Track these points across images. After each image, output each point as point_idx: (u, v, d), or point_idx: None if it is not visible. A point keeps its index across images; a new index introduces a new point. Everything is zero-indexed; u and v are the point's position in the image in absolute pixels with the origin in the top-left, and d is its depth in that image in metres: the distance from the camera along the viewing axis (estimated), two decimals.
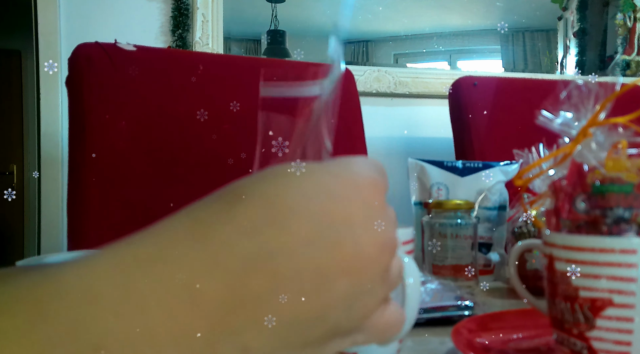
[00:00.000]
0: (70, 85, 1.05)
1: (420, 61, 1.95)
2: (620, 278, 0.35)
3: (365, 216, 0.24)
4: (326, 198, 0.23)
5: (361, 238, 0.23)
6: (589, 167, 0.39)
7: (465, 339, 0.45)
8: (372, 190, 0.25)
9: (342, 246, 0.23)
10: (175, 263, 0.21)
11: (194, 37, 1.62)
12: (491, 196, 0.86)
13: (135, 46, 1.09)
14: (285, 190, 0.23)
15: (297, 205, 0.23)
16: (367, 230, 0.24)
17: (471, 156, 1.28)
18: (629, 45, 1.95)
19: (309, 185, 0.24)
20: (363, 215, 0.24)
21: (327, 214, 0.23)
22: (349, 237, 0.23)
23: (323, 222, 0.23)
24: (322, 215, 0.23)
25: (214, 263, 0.21)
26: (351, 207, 0.24)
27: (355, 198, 0.24)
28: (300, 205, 0.23)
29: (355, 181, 0.25)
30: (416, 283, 0.36)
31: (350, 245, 0.23)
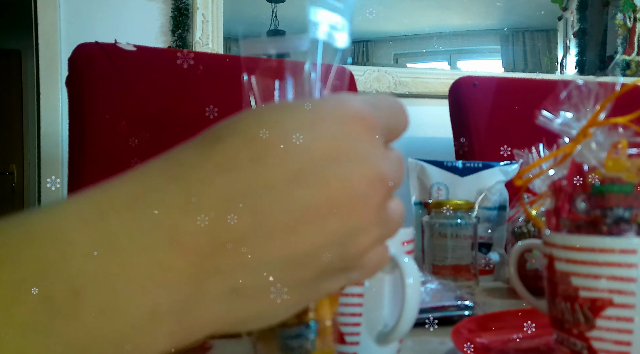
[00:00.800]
0: (70, 85, 1.05)
1: (420, 61, 1.95)
2: (620, 278, 0.35)
3: (352, 152, 0.23)
4: (309, 134, 0.22)
5: (348, 174, 0.22)
6: (589, 167, 0.39)
7: (465, 339, 0.45)
8: (360, 126, 0.24)
9: (328, 182, 0.22)
10: (151, 204, 0.20)
11: (194, 37, 1.63)
12: (491, 196, 0.86)
13: (135, 46, 1.09)
14: (265, 126, 0.22)
15: (278, 141, 0.22)
16: (354, 165, 0.23)
17: (471, 156, 1.28)
18: (629, 45, 1.95)
19: (290, 120, 0.22)
20: (349, 150, 0.23)
21: (310, 150, 0.22)
22: (335, 173, 0.22)
23: (306, 158, 0.22)
24: (304, 151, 0.22)
25: (193, 203, 0.20)
26: (336, 142, 0.23)
27: (340, 133, 0.23)
28: (281, 141, 0.22)
29: (339, 116, 0.23)
30: (416, 283, 0.36)
31: (337, 182, 0.22)
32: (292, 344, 0.28)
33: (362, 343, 0.40)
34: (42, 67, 1.59)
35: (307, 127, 0.22)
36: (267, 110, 0.23)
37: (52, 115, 1.59)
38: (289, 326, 0.27)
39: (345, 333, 0.40)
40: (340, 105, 0.24)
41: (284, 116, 0.23)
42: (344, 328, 0.40)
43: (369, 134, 0.24)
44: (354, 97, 0.25)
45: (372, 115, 0.24)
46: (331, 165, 0.22)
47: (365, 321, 0.40)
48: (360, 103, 0.24)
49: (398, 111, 0.27)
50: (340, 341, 0.40)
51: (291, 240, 0.21)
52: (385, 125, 0.25)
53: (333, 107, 0.24)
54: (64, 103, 1.57)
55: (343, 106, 0.24)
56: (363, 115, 0.24)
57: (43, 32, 1.58)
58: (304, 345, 0.27)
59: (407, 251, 0.41)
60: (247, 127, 0.22)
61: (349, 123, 0.23)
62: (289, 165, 0.21)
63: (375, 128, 0.24)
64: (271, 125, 0.22)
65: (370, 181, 0.23)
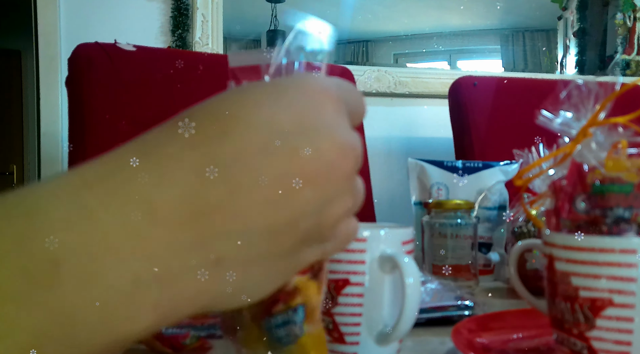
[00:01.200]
0: (70, 85, 1.05)
1: (420, 61, 1.95)
2: (620, 278, 0.35)
3: (318, 121, 0.23)
4: (275, 107, 0.23)
5: (318, 143, 0.23)
6: (589, 167, 0.39)
7: (465, 339, 0.45)
8: (324, 98, 0.24)
9: (299, 152, 0.22)
10: (124, 179, 0.20)
11: (194, 37, 1.63)
12: (491, 196, 0.86)
13: (135, 46, 1.09)
14: (230, 102, 0.23)
15: (245, 114, 0.22)
16: (323, 134, 0.23)
17: (471, 156, 1.28)
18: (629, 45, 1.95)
19: (255, 95, 0.23)
20: (315, 120, 0.23)
21: (277, 122, 0.22)
22: (305, 143, 0.23)
23: (274, 130, 0.22)
24: (272, 123, 0.22)
25: (165, 177, 0.20)
26: (302, 113, 0.23)
27: (305, 103, 0.24)
28: (249, 114, 0.22)
29: (305, 89, 0.24)
30: (416, 283, 0.36)
31: (306, 151, 0.22)
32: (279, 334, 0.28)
33: (362, 343, 0.40)
34: (42, 67, 1.59)
35: (272, 100, 0.23)
36: (235, 90, 0.24)
37: (52, 115, 1.59)
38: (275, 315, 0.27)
39: (345, 333, 0.40)
40: (304, 80, 0.25)
41: (250, 93, 0.23)
42: (344, 328, 0.40)
43: (334, 105, 0.25)
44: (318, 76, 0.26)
45: (335, 90, 0.25)
46: (299, 135, 0.23)
47: (365, 321, 0.40)
48: (324, 80, 0.25)
49: (356, 94, 0.28)
50: (340, 341, 0.40)
51: (269, 209, 0.22)
52: (347, 102, 0.26)
53: (297, 81, 0.25)
54: (64, 103, 1.57)
55: (307, 80, 0.25)
56: (327, 88, 0.25)
57: (43, 32, 1.58)
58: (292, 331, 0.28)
59: (407, 251, 0.41)
60: (213, 104, 0.23)
61: (314, 94, 0.24)
62: (257, 137, 0.22)
63: (340, 101, 0.25)
64: (238, 100, 0.23)
65: (340, 149, 0.24)
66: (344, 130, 0.24)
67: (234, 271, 0.22)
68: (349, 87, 0.27)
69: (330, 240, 0.26)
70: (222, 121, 0.22)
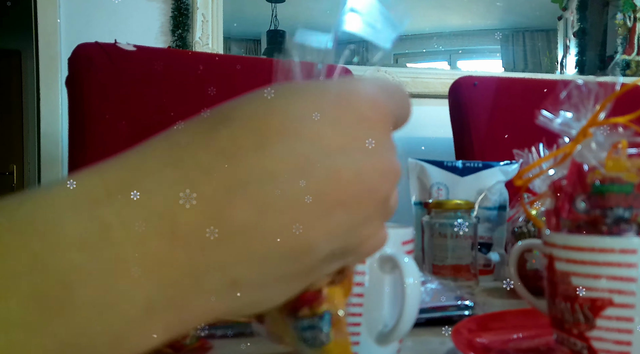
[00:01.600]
0: (70, 85, 1.05)
1: (420, 61, 1.95)
2: (620, 278, 0.35)
3: (364, 142, 0.21)
4: (319, 121, 0.21)
5: (361, 165, 0.21)
6: (589, 167, 0.39)
7: (465, 339, 0.45)
8: (373, 115, 0.22)
9: (339, 174, 0.21)
10: (148, 191, 0.18)
11: (194, 37, 1.63)
12: (491, 196, 0.86)
13: (135, 46, 1.09)
14: (272, 111, 0.21)
15: (286, 127, 0.20)
16: (367, 156, 0.21)
17: (471, 156, 1.28)
18: (629, 45, 1.95)
19: (300, 106, 0.21)
20: (361, 139, 0.21)
21: (319, 138, 0.21)
22: (347, 164, 0.21)
23: (315, 147, 0.20)
24: (314, 139, 0.21)
25: (193, 191, 0.19)
26: (346, 131, 0.21)
27: (351, 120, 0.22)
28: (290, 128, 0.20)
29: (352, 102, 0.22)
30: (416, 283, 0.36)
31: (348, 173, 0.21)
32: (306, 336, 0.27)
33: (362, 343, 0.40)
34: (42, 67, 1.59)
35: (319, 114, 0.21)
36: (277, 94, 0.21)
37: (52, 115, 1.59)
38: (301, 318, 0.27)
39: None
40: (354, 91, 0.23)
41: (294, 101, 0.21)
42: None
43: (383, 123, 0.23)
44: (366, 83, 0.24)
45: (385, 103, 0.23)
46: (342, 156, 0.21)
47: (365, 321, 0.40)
48: (373, 89, 0.23)
49: (405, 99, 0.26)
50: None
51: (294, 233, 0.20)
52: (395, 114, 0.24)
53: (347, 92, 0.23)
54: (64, 103, 1.57)
55: (357, 92, 0.23)
56: (378, 103, 0.23)
57: (43, 32, 1.58)
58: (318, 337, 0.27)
59: (407, 251, 0.41)
60: (254, 111, 0.21)
61: (363, 110, 0.22)
62: (296, 155, 0.20)
63: (388, 117, 0.23)
64: (280, 109, 0.21)
65: (383, 173, 0.22)
66: (388, 151, 0.23)
67: (249, 291, 0.21)
68: (396, 93, 0.25)
69: (354, 254, 0.24)
70: (261, 131, 0.20)
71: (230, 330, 0.49)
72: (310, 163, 0.20)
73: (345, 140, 0.21)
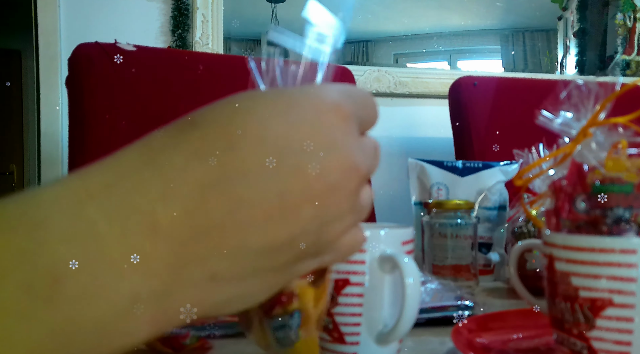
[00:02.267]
0: (70, 85, 1.05)
1: (420, 61, 1.95)
2: (620, 278, 0.35)
3: (325, 140, 0.23)
4: (283, 123, 0.23)
5: (324, 162, 0.23)
6: (589, 167, 0.39)
7: (465, 339, 0.45)
8: (335, 115, 0.24)
9: (304, 171, 0.22)
10: (127, 190, 0.20)
11: (194, 37, 1.63)
12: (491, 196, 0.86)
13: (135, 46, 1.09)
14: (239, 115, 0.22)
15: (251, 129, 0.22)
16: (328, 154, 0.23)
17: (471, 156, 1.28)
18: (629, 45, 1.95)
19: (265, 109, 0.23)
20: (322, 139, 0.23)
21: (283, 138, 0.22)
22: (310, 162, 0.22)
23: (280, 147, 0.22)
24: (278, 139, 0.22)
25: (169, 189, 0.20)
26: (312, 131, 0.23)
27: (316, 121, 0.23)
28: (255, 130, 0.22)
29: (315, 104, 0.24)
30: (416, 283, 0.36)
31: (312, 170, 0.22)
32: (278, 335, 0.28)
33: (362, 343, 0.40)
34: (42, 67, 1.59)
35: (283, 115, 0.23)
36: (244, 98, 0.23)
37: (52, 115, 1.59)
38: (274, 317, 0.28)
39: (345, 333, 0.40)
40: (316, 95, 0.24)
41: (260, 104, 0.23)
42: (344, 328, 0.40)
43: (344, 123, 0.24)
44: (329, 87, 0.25)
45: (347, 106, 0.25)
46: (306, 154, 0.22)
47: (365, 321, 0.40)
48: (335, 93, 0.25)
49: (370, 103, 0.27)
50: (340, 341, 0.40)
51: (268, 227, 0.22)
52: (358, 116, 0.25)
53: (309, 96, 0.24)
54: (64, 103, 1.57)
55: (319, 95, 0.24)
56: (339, 105, 0.24)
57: (43, 32, 1.58)
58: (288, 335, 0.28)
59: (407, 251, 0.41)
60: (223, 114, 0.22)
61: (325, 112, 0.24)
62: (264, 153, 0.22)
63: (351, 118, 0.25)
64: (247, 112, 0.22)
65: (345, 170, 0.23)
66: (352, 149, 0.24)
67: (229, 285, 0.22)
68: (361, 97, 0.27)
69: (330, 253, 0.26)
70: (229, 134, 0.22)
71: (230, 330, 0.49)
72: (277, 161, 0.22)
73: (309, 139, 0.23)
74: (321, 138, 0.23)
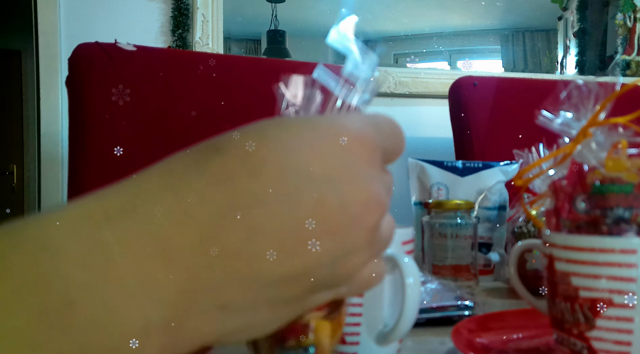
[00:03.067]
0: (70, 85, 1.05)
1: (420, 61, 1.95)
2: (620, 278, 0.35)
3: (349, 172, 0.23)
4: (306, 152, 0.22)
5: (345, 194, 0.22)
6: (589, 167, 0.39)
7: (465, 339, 0.45)
8: (359, 147, 0.24)
9: (324, 202, 0.22)
10: (145, 214, 0.20)
11: (194, 37, 1.63)
12: (491, 196, 0.86)
13: (135, 46, 1.09)
14: (262, 143, 0.22)
15: (274, 157, 0.22)
16: (351, 186, 0.22)
17: (471, 156, 1.28)
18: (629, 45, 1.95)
19: (289, 138, 0.22)
20: (346, 170, 0.23)
21: (306, 168, 0.22)
22: (331, 193, 0.22)
23: (301, 176, 0.22)
24: (300, 168, 0.22)
25: (187, 215, 0.20)
26: (334, 162, 0.22)
27: (337, 152, 0.23)
28: (277, 158, 0.22)
29: (338, 135, 0.23)
30: (416, 283, 0.36)
31: (332, 202, 0.22)
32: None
33: (362, 343, 0.40)
34: (42, 67, 1.59)
35: (306, 145, 0.22)
36: (268, 126, 0.23)
37: (52, 115, 1.59)
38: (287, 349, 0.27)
39: (345, 333, 0.40)
40: (342, 125, 0.24)
41: (284, 132, 0.23)
42: (344, 328, 0.40)
43: (369, 156, 0.24)
44: (356, 117, 0.25)
45: (373, 137, 0.24)
46: (328, 185, 0.22)
47: (365, 321, 0.40)
48: (362, 124, 0.24)
49: (397, 134, 0.27)
50: (340, 341, 0.40)
51: (284, 258, 0.21)
52: (384, 147, 0.25)
53: (334, 126, 0.24)
54: (64, 103, 1.57)
55: (345, 125, 0.24)
56: (364, 137, 0.24)
57: (43, 32, 1.58)
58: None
59: (407, 251, 0.41)
60: (246, 141, 0.22)
61: (350, 143, 0.23)
62: (285, 182, 0.21)
63: (375, 150, 0.24)
64: (271, 141, 0.22)
65: (367, 203, 0.23)
66: (374, 182, 0.24)
67: (240, 315, 0.22)
68: (389, 128, 0.26)
69: (346, 285, 0.25)
70: (252, 160, 0.21)
71: None
72: (296, 191, 0.21)
73: (330, 171, 0.22)
74: (344, 170, 0.23)
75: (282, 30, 1.80)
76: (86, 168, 1.00)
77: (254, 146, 0.22)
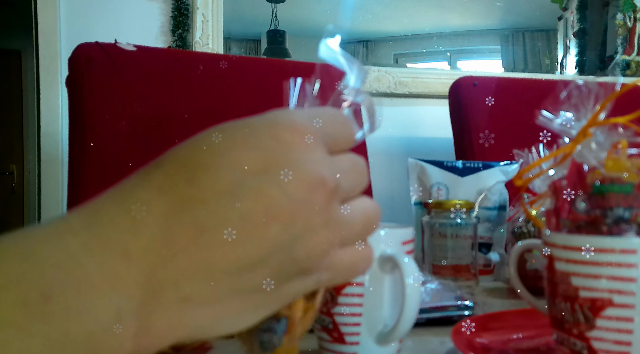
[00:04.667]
0: (70, 85, 1.05)
1: (420, 61, 1.95)
2: (620, 278, 0.35)
3: (284, 161, 0.24)
4: (238, 151, 0.24)
5: (282, 181, 0.24)
6: (589, 167, 0.39)
7: (465, 339, 0.45)
8: (290, 134, 0.25)
9: (264, 191, 0.23)
10: (102, 225, 0.22)
11: (194, 37, 1.63)
12: (491, 196, 0.86)
13: (135, 46, 1.09)
14: (196, 150, 0.24)
15: (207, 161, 0.24)
16: (291, 172, 0.24)
17: (471, 156, 1.28)
18: (629, 45, 1.95)
19: (222, 141, 0.24)
20: (281, 159, 0.24)
21: (241, 164, 0.23)
22: (269, 182, 0.23)
23: (238, 173, 0.23)
24: (236, 166, 0.23)
25: (136, 221, 0.22)
26: (267, 153, 0.24)
27: (269, 145, 0.24)
28: (210, 161, 0.24)
29: (270, 128, 0.25)
30: (416, 283, 0.36)
31: (272, 190, 0.23)
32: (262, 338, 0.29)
33: (362, 343, 0.40)
34: (42, 67, 1.59)
35: (239, 144, 0.24)
36: (204, 135, 0.25)
37: (52, 115, 1.59)
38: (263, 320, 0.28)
39: (345, 333, 0.40)
40: (271, 119, 0.25)
41: (217, 137, 0.24)
42: (344, 328, 0.40)
43: (302, 140, 0.25)
44: (287, 111, 0.27)
45: (305, 125, 0.25)
46: (265, 176, 0.23)
47: (365, 321, 0.40)
48: (292, 115, 0.26)
49: (340, 120, 0.28)
50: (340, 341, 0.40)
51: (235, 247, 0.23)
52: (325, 133, 0.26)
53: (266, 121, 0.25)
54: (64, 103, 1.57)
55: (275, 119, 0.25)
56: (294, 125, 0.25)
57: (43, 32, 1.58)
58: (272, 340, 0.29)
59: (407, 251, 0.41)
60: (182, 152, 0.24)
61: (280, 133, 0.25)
62: (223, 181, 0.23)
63: (309, 134, 0.25)
64: (204, 147, 0.24)
65: (308, 185, 0.24)
66: (314, 164, 0.25)
67: (204, 308, 0.23)
68: (330, 115, 0.27)
69: (325, 271, 0.26)
70: (188, 167, 0.23)
71: None
72: (235, 187, 0.23)
73: (265, 162, 0.24)
74: (280, 159, 0.24)
75: (282, 30, 1.80)
76: (86, 168, 1.00)
77: (189, 155, 0.24)
